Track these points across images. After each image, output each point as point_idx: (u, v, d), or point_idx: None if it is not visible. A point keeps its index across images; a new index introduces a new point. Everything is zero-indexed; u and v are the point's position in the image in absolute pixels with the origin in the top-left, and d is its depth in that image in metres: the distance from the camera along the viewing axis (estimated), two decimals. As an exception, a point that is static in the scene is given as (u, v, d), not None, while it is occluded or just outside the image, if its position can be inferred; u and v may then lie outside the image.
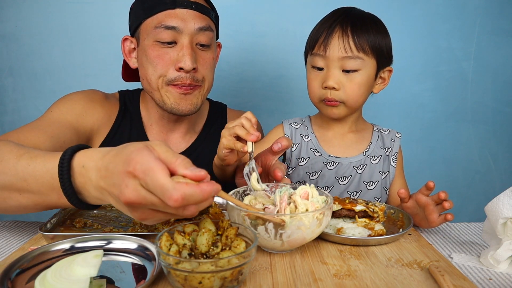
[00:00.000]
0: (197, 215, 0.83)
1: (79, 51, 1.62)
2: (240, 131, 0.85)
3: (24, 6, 1.60)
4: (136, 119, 1.21)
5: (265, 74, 1.70)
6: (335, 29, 1.05)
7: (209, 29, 1.10)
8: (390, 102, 1.75)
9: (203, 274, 0.56)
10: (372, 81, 1.10)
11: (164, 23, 1.05)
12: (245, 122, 0.86)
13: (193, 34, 1.07)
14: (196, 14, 1.07)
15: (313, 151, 1.16)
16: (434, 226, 0.88)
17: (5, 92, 1.65)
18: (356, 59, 1.04)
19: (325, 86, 1.06)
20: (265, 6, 1.64)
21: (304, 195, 0.75)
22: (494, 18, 1.70)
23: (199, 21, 1.07)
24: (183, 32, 1.06)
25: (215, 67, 1.18)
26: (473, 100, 1.77)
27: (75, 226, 0.85)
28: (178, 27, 1.05)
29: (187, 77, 1.07)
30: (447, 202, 0.84)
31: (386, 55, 1.09)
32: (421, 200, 0.87)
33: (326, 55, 1.05)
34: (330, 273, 0.67)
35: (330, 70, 1.06)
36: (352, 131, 1.18)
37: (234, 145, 0.85)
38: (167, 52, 1.07)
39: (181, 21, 1.05)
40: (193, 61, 1.06)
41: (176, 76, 1.07)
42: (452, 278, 0.66)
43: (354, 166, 1.14)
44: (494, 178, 1.83)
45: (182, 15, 1.06)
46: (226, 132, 0.87)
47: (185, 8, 1.06)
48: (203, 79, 1.11)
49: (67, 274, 0.58)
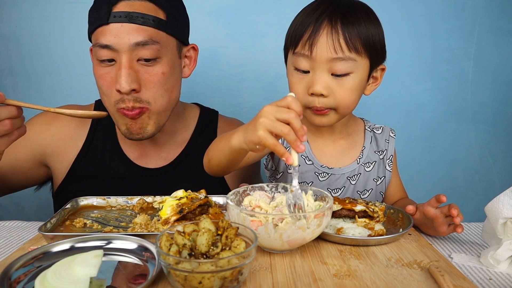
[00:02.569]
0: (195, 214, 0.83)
1: (79, 51, 1.62)
2: (289, 136, 0.68)
3: (24, 6, 1.60)
4: (109, 131, 1.17)
5: (265, 74, 1.70)
6: (322, 24, 0.90)
7: (149, 42, 0.97)
8: (390, 102, 1.75)
9: (203, 274, 0.56)
10: (365, 83, 0.97)
11: (98, 41, 0.97)
12: (296, 121, 0.69)
13: (131, 50, 0.96)
14: (132, 27, 0.96)
15: (304, 158, 1.05)
16: (443, 236, 0.85)
17: (5, 92, 1.62)
18: (347, 60, 0.90)
19: (311, 92, 0.92)
20: (265, 6, 1.64)
21: (298, 204, 0.76)
22: (494, 18, 1.70)
23: (136, 35, 0.96)
24: (118, 50, 0.96)
25: (177, 78, 1.08)
26: (473, 100, 1.76)
27: (75, 226, 0.85)
28: (112, 45, 0.96)
29: (129, 99, 0.98)
30: (459, 217, 0.79)
31: (380, 51, 0.96)
32: (429, 213, 0.83)
33: (312, 56, 0.90)
34: (330, 273, 0.67)
35: (317, 74, 0.91)
36: (343, 136, 1.08)
37: (275, 149, 0.70)
38: (108, 72, 0.99)
39: (115, 37, 0.95)
40: (131, 82, 0.96)
41: (118, 99, 0.99)
42: (452, 278, 0.66)
43: (348, 176, 1.07)
44: (494, 178, 1.83)
45: (116, 31, 0.95)
46: (266, 123, 0.69)
47: (119, 22, 0.95)
48: (149, 100, 1.01)
49: (67, 274, 0.58)
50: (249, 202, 0.80)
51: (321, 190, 0.81)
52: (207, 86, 1.68)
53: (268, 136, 0.69)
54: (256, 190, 0.84)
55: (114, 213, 0.93)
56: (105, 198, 0.99)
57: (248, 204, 0.80)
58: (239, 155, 0.84)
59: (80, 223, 0.85)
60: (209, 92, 1.68)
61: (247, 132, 0.75)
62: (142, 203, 0.95)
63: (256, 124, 0.71)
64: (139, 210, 0.94)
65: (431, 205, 0.83)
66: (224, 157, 0.86)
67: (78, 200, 0.97)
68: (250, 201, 0.81)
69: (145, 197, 0.99)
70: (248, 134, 0.74)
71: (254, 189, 0.84)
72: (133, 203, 0.98)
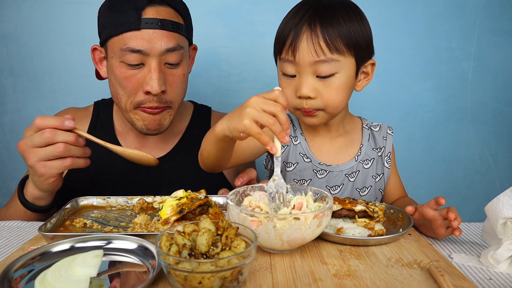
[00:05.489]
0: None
1: (79, 51, 1.62)
2: (274, 126, 0.70)
3: (24, 6, 1.60)
4: (107, 127, 1.21)
5: (265, 74, 1.70)
6: (302, 29, 0.91)
7: (178, 47, 1.04)
8: (390, 102, 1.75)
9: (203, 274, 0.56)
10: (353, 81, 0.98)
11: (129, 46, 1.00)
12: (282, 114, 0.71)
13: (161, 55, 1.02)
14: (164, 33, 1.01)
15: (303, 156, 1.07)
16: (441, 238, 0.85)
17: (5, 92, 1.65)
18: (330, 62, 0.91)
19: (299, 95, 0.95)
20: (265, 6, 1.64)
21: (298, 205, 0.76)
22: (494, 18, 1.70)
23: (166, 41, 1.01)
24: (150, 55, 1.01)
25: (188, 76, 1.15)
26: (473, 100, 1.77)
27: (75, 226, 0.85)
28: (144, 50, 1.00)
29: (155, 100, 1.04)
30: (456, 221, 0.79)
31: (365, 48, 0.96)
32: (428, 215, 0.83)
33: (296, 61, 0.92)
34: (330, 273, 0.67)
35: (303, 77, 0.93)
36: (341, 134, 1.10)
37: (260, 139, 0.71)
38: (135, 74, 1.03)
39: (147, 43, 0.99)
40: (161, 84, 1.02)
41: (144, 99, 1.04)
42: (452, 278, 0.66)
43: (346, 174, 1.07)
44: (494, 178, 1.83)
45: (148, 37, 0.99)
46: (253, 113, 0.71)
47: (151, 28, 0.99)
48: (172, 100, 1.08)
49: (67, 274, 0.58)
50: (249, 202, 0.80)
51: (321, 190, 0.81)
52: (207, 86, 1.68)
53: (253, 125, 0.71)
54: (256, 190, 0.84)
55: (114, 213, 0.93)
56: (105, 198, 0.99)
57: (248, 204, 0.80)
58: (224, 143, 0.84)
59: (80, 223, 0.85)
60: (209, 92, 1.68)
61: (232, 119, 0.76)
62: (142, 203, 0.95)
63: (242, 113, 0.72)
64: (139, 210, 0.94)
65: (430, 207, 0.84)
66: (211, 146, 0.87)
67: (78, 200, 0.97)
68: (250, 201, 0.81)
69: (145, 197, 0.99)
70: (234, 121, 0.75)
71: (254, 189, 0.84)
72: (133, 203, 0.98)
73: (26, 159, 0.88)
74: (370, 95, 1.70)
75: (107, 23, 1.03)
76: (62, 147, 0.86)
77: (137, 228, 0.82)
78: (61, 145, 0.86)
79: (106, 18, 1.03)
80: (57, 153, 0.87)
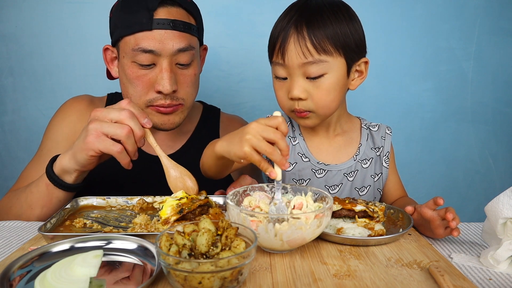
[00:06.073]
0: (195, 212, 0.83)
1: (79, 51, 1.62)
2: (273, 155, 0.72)
3: (24, 6, 1.60)
4: None
5: (265, 74, 1.70)
6: (289, 32, 0.93)
7: (189, 48, 1.05)
8: (390, 102, 1.75)
9: (203, 274, 0.56)
10: (345, 80, 0.98)
11: (141, 46, 1.00)
12: (282, 142, 0.73)
13: (172, 55, 1.03)
14: (175, 34, 1.02)
15: (301, 156, 1.08)
16: (440, 238, 0.85)
17: (5, 92, 1.65)
18: (318, 63, 0.92)
19: (290, 97, 0.96)
20: (265, 6, 1.64)
21: (298, 206, 0.76)
22: (494, 18, 1.70)
23: (178, 41, 1.02)
24: (161, 55, 1.02)
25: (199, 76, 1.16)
26: (473, 100, 1.77)
27: (75, 226, 0.85)
28: (156, 51, 1.01)
29: (166, 98, 1.05)
30: (454, 221, 0.79)
31: (355, 47, 0.96)
32: (426, 215, 0.83)
33: (286, 64, 0.94)
34: (330, 273, 0.67)
35: (293, 79, 0.95)
36: (339, 133, 1.10)
37: (260, 165, 0.73)
38: (146, 74, 1.04)
39: (159, 43, 1.00)
40: (173, 84, 1.03)
41: (155, 97, 1.05)
42: (452, 278, 0.66)
43: (345, 173, 1.08)
44: (494, 178, 1.83)
45: (160, 37, 1.00)
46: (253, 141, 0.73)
47: (163, 28, 1.00)
48: (184, 98, 1.09)
49: (67, 274, 0.58)
50: (249, 202, 0.80)
51: (320, 190, 0.81)
52: (207, 86, 1.68)
53: (253, 153, 0.73)
54: (256, 190, 0.84)
55: (114, 213, 0.93)
56: (105, 198, 0.99)
57: (248, 204, 0.80)
58: (224, 159, 0.86)
59: (80, 223, 0.85)
60: (209, 92, 1.68)
61: (233, 144, 0.78)
62: (142, 203, 0.95)
63: (242, 140, 0.74)
64: (139, 210, 0.94)
65: (429, 207, 0.84)
66: (212, 162, 0.90)
67: (78, 200, 0.97)
68: (250, 201, 0.81)
69: (145, 197, 0.99)
70: (234, 147, 0.77)
71: (254, 189, 0.84)
72: (133, 203, 0.98)
73: (90, 122, 0.88)
74: (369, 95, 1.70)
75: (119, 23, 1.04)
76: (126, 130, 0.85)
77: (137, 228, 0.82)
78: (127, 129, 0.85)
79: (118, 19, 1.04)
80: (118, 133, 0.85)
